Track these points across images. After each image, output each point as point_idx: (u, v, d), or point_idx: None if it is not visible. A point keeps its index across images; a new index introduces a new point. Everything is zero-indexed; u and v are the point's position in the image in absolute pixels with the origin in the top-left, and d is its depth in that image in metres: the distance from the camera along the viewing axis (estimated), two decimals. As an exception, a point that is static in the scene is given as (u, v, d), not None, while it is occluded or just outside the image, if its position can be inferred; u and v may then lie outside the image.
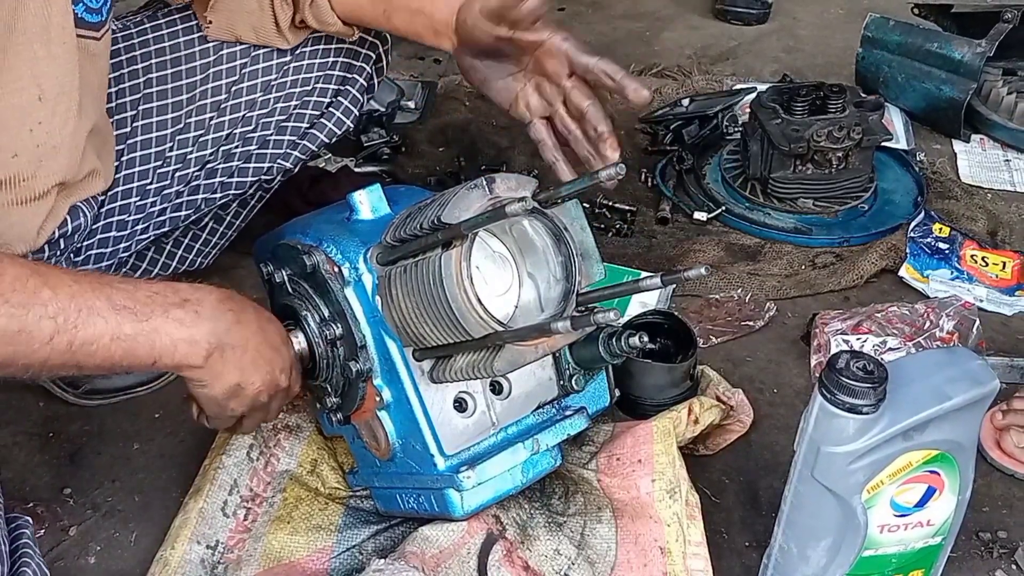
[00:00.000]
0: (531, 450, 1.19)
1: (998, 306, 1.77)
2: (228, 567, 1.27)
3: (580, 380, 1.24)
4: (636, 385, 1.47)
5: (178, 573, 1.25)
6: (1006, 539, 1.36)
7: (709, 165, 2.15)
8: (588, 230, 1.15)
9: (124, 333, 1.03)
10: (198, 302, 1.10)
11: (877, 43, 2.35)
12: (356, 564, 1.26)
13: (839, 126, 1.93)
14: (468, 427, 1.18)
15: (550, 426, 1.22)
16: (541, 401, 1.24)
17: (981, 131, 2.28)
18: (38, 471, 1.46)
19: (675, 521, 1.24)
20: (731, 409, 1.47)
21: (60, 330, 0.99)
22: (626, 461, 1.30)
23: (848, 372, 1.04)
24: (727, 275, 1.85)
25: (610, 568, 1.22)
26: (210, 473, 1.35)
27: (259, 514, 1.32)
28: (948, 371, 1.08)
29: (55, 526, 1.38)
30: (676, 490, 1.26)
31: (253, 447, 1.37)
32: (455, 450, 1.17)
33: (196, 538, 1.28)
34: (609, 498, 1.29)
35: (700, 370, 1.54)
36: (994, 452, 1.46)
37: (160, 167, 1.52)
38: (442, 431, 1.16)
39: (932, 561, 1.20)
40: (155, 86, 1.51)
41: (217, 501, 1.32)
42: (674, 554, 1.22)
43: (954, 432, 1.09)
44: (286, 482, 1.35)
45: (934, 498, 1.12)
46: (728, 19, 2.87)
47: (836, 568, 1.16)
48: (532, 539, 1.22)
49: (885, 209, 2.03)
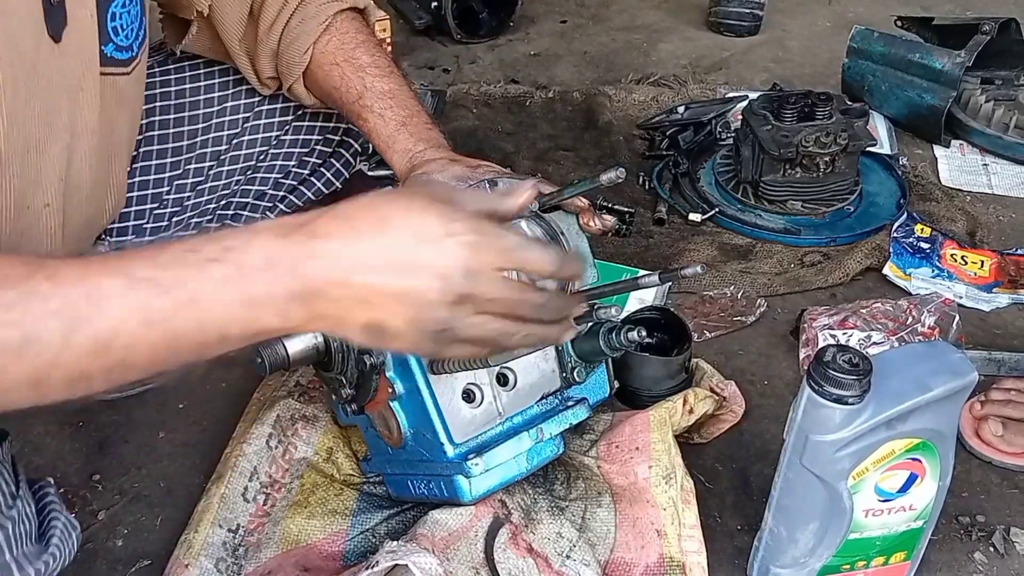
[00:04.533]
0: (535, 439, 1.19)
1: (976, 302, 1.77)
2: (248, 549, 1.27)
3: (581, 372, 1.24)
4: (634, 377, 1.47)
5: (201, 554, 1.25)
6: (984, 523, 1.35)
7: (703, 169, 2.15)
8: (583, 235, 1.15)
9: (154, 313, 0.75)
10: (244, 246, 0.77)
11: (862, 54, 2.35)
12: (369, 546, 1.26)
13: (826, 132, 1.92)
14: (476, 417, 1.18)
15: (553, 416, 1.22)
16: (545, 392, 1.24)
17: (960, 137, 2.28)
18: (68, 458, 1.46)
19: (671, 505, 1.24)
20: (724, 400, 1.47)
21: (72, 327, 0.74)
22: (624, 448, 1.30)
23: (835, 365, 1.03)
24: (720, 273, 1.85)
25: (609, 550, 1.22)
26: (231, 461, 1.35)
27: (277, 499, 1.32)
28: (929, 364, 1.08)
29: (85, 511, 1.38)
30: (672, 476, 1.26)
31: (272, 436, 1.37)
32: (463, 439, 1.17)
33: (218, 522, 1.28)
34: (608, 483, 1.29)
35: (695, 363, 1.53)
36: (973, 440, 1.46)
37: (156, 208, 1.47)
38: (451, 421, 1.16)
39: (914, 544, 1.20)
40: (157, 129, 1.45)
41: (238, 487, 1.32)
42: (670, 536, 1.22)
43: (935, 421, 1.09)
44: (303, 469, 1.35)
45: (916, 484, 1.12)
46: (721, 31, 2.87)
47: (823, 550, 1.16)
48: (536, 523, 1.22)
49: (870, 211, 2.03)
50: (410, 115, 1.33)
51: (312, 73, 1.38)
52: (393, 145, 1.31)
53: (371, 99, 1.33)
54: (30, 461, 1.45)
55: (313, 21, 1.36)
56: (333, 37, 1.36)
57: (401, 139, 1.30)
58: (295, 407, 1.40)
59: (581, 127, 2.39)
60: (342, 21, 1.39)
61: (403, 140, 1.30)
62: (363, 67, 1.35)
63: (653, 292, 1.76)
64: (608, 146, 2.28)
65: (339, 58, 1.36)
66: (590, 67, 2.72)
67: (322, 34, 1.37)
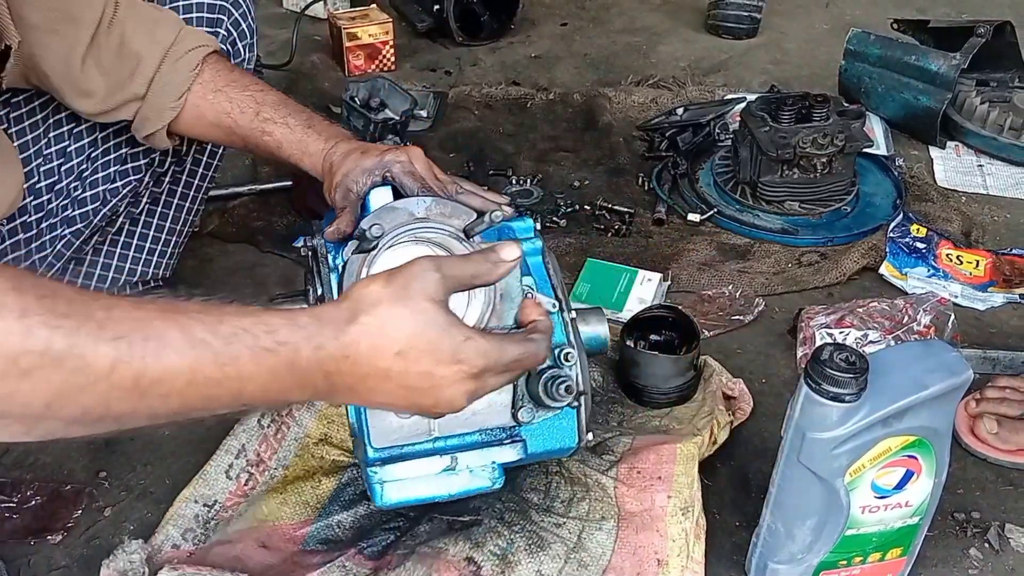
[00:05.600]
0: (448, 464, 1.14)
1: (972, 302, 1.77)
2: (219, 524, 1.28)
3: (526, 413, 1.14)
4: (643, 375, 1.47)
5: (169, 523, 1.27)
6: (979, 519, 1.35)
7: (702, 170, 2.15)
8: (517, 275, 1.07)
9: (203, 376, 0.78)
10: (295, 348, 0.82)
11: (859, 56, 2.35)
12: (331, 536, 1.27)
13: (823, 133, 1.92)
14: (402, 427, 1.14)
15: (482, 449, 1.16)
16: (491, 424, 1.17)
17: (956, 138, 2.28)
18: (76, 455, 1.46)
19: (682, 537, 1.21)
20: (733, 400, 1.47)
21: (122, 360, 0.74)
22: (647, 476, 1.28)
23: (832, 363, 1.03)
24: (719, 272, 1.85)
25: (601, 571, 1.20)
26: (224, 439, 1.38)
27: (259, 482, 1.34)
28: (925, 362, 1.08)
29: (91, 507, 1.38)
30: (689, 509, 1.24)
31: (265, 415, 1.39)
32: (383, 444, 1.14)
33: (194, 497, 1.31)
34: (619, 507, 1.26)
35: (703, 360, 1.53)
36: (968, 438, 1.45)
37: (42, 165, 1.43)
38: (374, 424, 1.13)
39: (910, 540, 1.20)
40: None
41: (222, 464, 1.35)
42: (671, 566, 1.19)
43: (931, 419, 1.09)
44: (293, 450, 1.37)
45: (912, 481, 1.12)
46: (720, 33, 2.87)
47: (820, 546, 1.16)
48: (513, 565, 1.19)
49: (866, 211, 2.03)
50: (309, 117, 1.33)
51: (192, 110, 1.35)
52: (306, 148, 1.30)
53: (269, 111, 1.32)
54: (37, 459, 1.45)
55: (184, 68, 1.33)
56: (205, 70, 1.34)
57: (311, 141, 1.30)
58: None
59: (581, 128, 2.38)
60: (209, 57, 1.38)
61: (314, 141, 1.30)
62: (247, 86, 1.34)
63: (652, 291, 1.76)
64: (608, 147, 2.28)
65: (220, 84, 1.34)
66: (590, 69, 2.72)
67: None
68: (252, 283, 1.83)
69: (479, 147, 2.29)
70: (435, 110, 2.40)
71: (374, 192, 1.18)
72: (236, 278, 1.85)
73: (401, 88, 2.33)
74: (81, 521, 1.35)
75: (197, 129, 1.39)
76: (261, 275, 1.85)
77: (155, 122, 1.35)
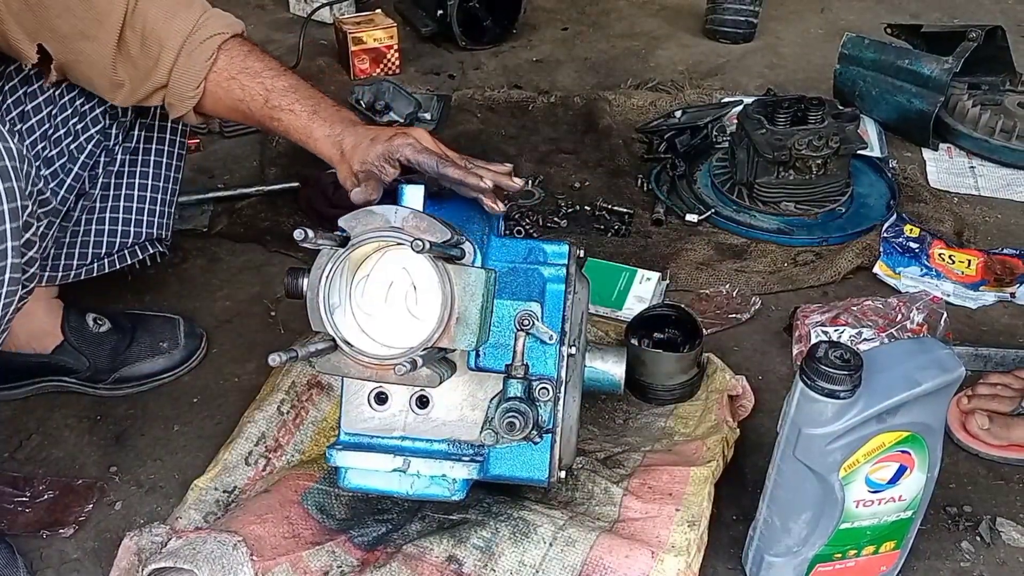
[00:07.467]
0: (399, 465, 1.16)
1: (964, 300, 1.77)
2: (240, 504, 1.29)
3: (490, 436, 1.15)
4: (648, 372, 1.47)
5: (192, 508, 1.29)
6: (971, 513, 1.35)
7: (700, 171, 2.15)
8: (478, 302, 1.06)
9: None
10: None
11: (853, 60, 2.34)
12: (327, 505, 1.28)
13: (818, 136, 1.92)
14: (373, 418, 1.18)
15: (439, 459, 1.17)
16: (459, 438, 1.18)
17: (948, 140, 2.27)
18: (87, 451, 1.46)
19: (685, 544, 1.19)
20: (736, 398, 1.47)
21: None
22: (658, 491, 1.28)
23: (827, 360, 1.04)
24: (716, 272, 1.85)
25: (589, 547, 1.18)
26: (244, 426, 1.39)
27: (276, 468, 1.36)
28: (918, 359, 1.08)
29: (102, 501, 1.38)
30: (696, 523, 1.22)
31: (284, 401, 1.41)
32: (353, 430, 1.18)
33: (215, 485, 1.32)
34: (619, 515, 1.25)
35: (706, 357, 1.53)
36: (960, 434, 1.45)
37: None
38: (348, 410, 1.18)
39: (903, 533, 1.20)
40: None
41: (242, 451, 1.36)
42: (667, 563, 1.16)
43: (923, 415, 1.09)
44: (310, 435, 1.40)
45: (905, 476, 1.12)
46: (717, 38, 2.86)
47: (816, 539, 1.16)
48: (496, 557, 1.18)
49: (860, 212, 2.03)
50: (316, 103, 1.33)
51: (211, 95, 1.36)
52: (312, 134, 1.31)
53: (277, 99, 1.33)
54: (49, 454, 1.45)
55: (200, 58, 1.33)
56: (220, 58, 1.34)
57: (317, 127, 1.30)
58: (312, 373, 1.43)
59: (582, 131, 2.38)
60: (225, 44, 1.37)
61: (318, 127, 1.30)
62: (258, 72, 1.34)
63: (652, 291, 1.76)
64: (608, 149, 2.28)
65: (233, 72, 1.34)
66: (590, 73, 2.71)
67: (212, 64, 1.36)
68: (260, 282, 1.83)
69: (482, 149, 2.28)
70: (439, 113, 2.40)
71: (408, 189, 1.18)
72: (244, 276, 1.85)
73: (405, 91, 2.34)
74: (92, 515, 1.36)
75: (220, 112, 1.40)
76: (269, 274, 1.85)
77: (179, 108, 1.37)
